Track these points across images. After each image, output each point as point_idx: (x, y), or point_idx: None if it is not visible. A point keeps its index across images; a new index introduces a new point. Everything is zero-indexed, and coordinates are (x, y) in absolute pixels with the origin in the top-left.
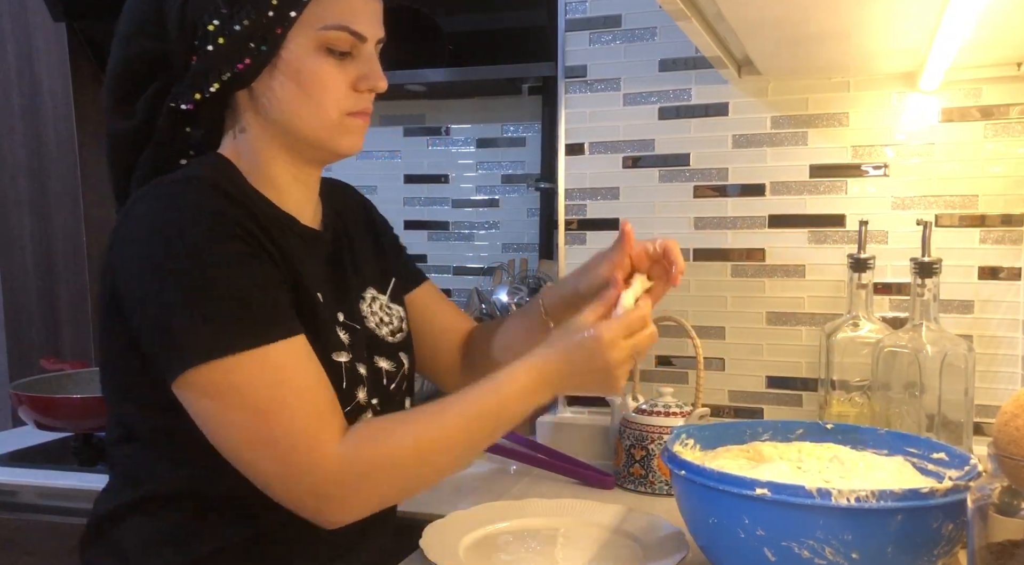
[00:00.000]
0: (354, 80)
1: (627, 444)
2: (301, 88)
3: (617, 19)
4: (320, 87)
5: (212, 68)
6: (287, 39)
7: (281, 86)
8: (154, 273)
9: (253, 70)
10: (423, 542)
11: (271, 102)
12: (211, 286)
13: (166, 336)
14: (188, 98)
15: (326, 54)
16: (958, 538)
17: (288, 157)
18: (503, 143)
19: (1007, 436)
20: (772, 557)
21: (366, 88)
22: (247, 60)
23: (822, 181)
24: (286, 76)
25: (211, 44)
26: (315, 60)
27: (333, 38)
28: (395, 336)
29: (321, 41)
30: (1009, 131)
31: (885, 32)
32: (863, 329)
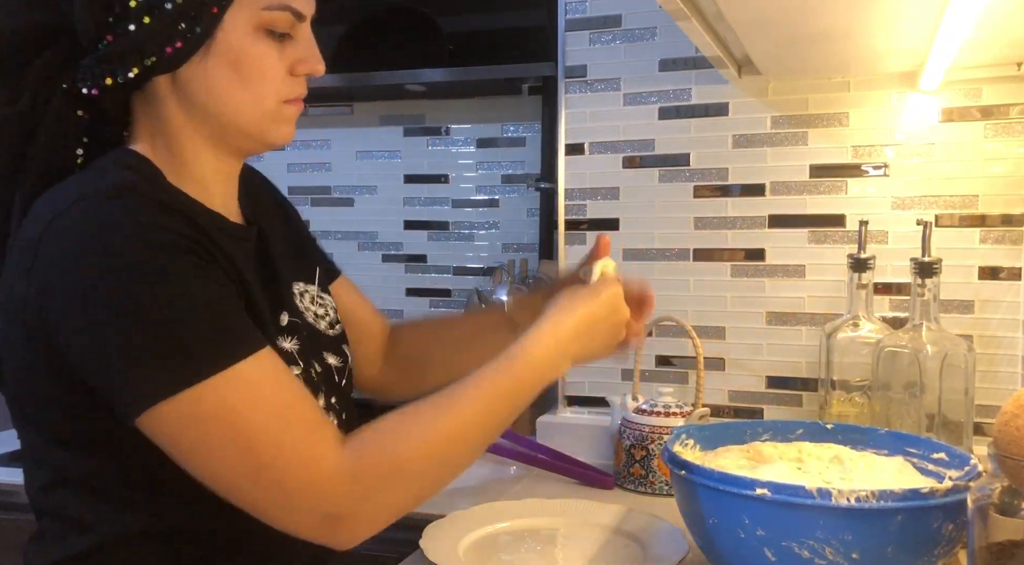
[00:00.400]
0: (292, 63)
1: (627, 444)
2: (238, 74)
3: (617, 19)
4: (259, 73)
5: (132, 50)
6: (223, 20)
7: (214, 72)
8: (95, 301)
9: (183, 54)
10: (423, 542)
11: (200, 89)
12: (163, 310)
13: (121, 373)
14: (95, 82)
15: (265, 36)
16: (958, 538)
17: (213, 150)
18: (503, 143)
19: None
20: (772, 557)
21: (304, 71)
22: (177, 43)
23: (822, 181)
24: (220, 61)
25: (133, 23)
26: (254, 43)
27: (274, 18)
28: (334, 328)
29: (261, 21)
30: (1009, 131)
31: (885, 32)
32: (863, 329)
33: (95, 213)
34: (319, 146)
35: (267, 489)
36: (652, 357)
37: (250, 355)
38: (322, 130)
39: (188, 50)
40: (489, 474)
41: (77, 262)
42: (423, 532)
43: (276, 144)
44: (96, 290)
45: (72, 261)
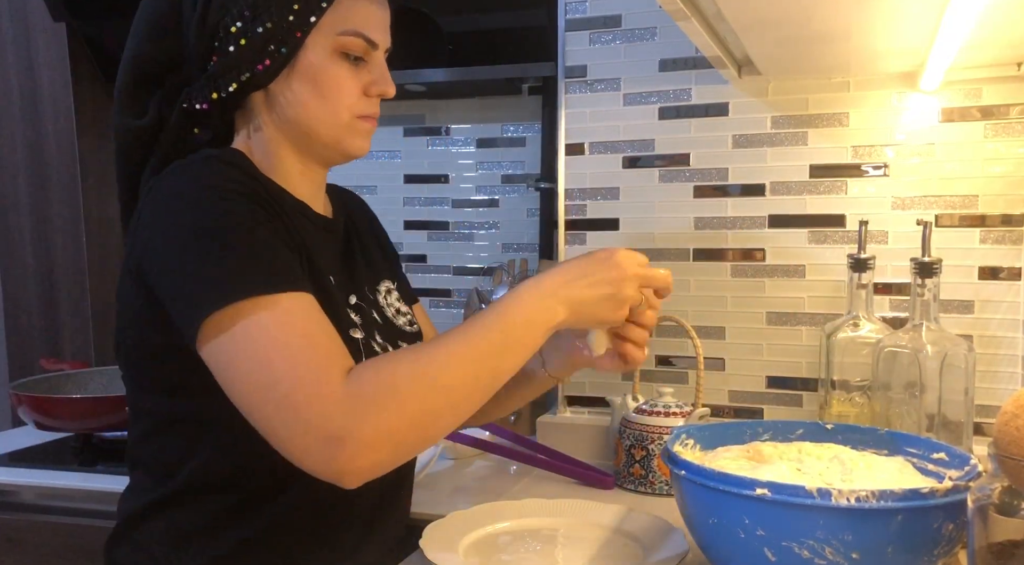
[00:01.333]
0: (366, 85)
1: (627, 444)
2: (317, 90)
3: (617, 19)
4: (335, 89)
5: (232, 68)
6: (306, 43)
7: (298, 87)
8: (173, 233)
9: (272, 71)
10: (423, 542)
11: (287, 102)
12: (224, 238)
13: (184, 291)
14: (205, 97)
15: (341, 58)
16: (958, 538)
17: (299, 156)
18: (503, 143)
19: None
20: (772, 557)
21: (376, 93)
22: (267, 61)
23: (822, 181)
24: (303, 78)
25: (232, 45)
26: (331, 63)
27: (349, 43)
28: (412, 326)
29: (337, 46)
30: (1009, 131)
31: (885, 32)
32: (863, 329)
33: (183, 171)
34: None
35: (277, 404)
36: (652, 357)
37: (292, 291)
38: None
39: (276, 68)
40: (489, 474)
41: (160, 208)
42: (423, 532)
43: (352, 154)
44: (168, 224)
45: (157, 208)
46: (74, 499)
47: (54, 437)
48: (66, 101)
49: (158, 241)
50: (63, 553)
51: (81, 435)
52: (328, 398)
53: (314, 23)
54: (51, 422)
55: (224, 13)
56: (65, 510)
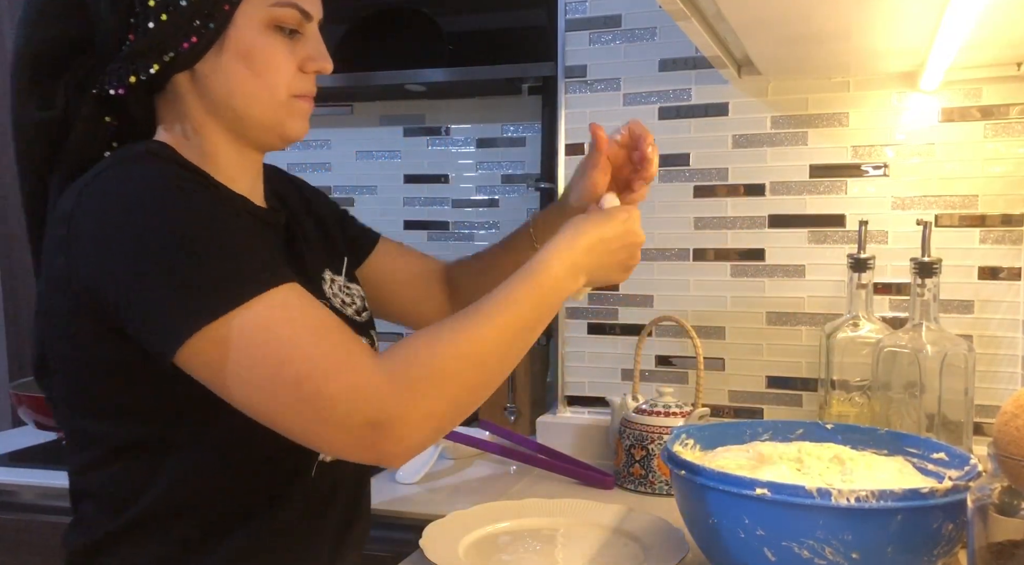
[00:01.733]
0: (301, 61)
1: (627, 444)
2: (251, 68)
3: (617, 19)
4: (272, 67)
5: (152, 47)
6: (235, 16)
7: (229, 66)
8: (130, 247)
9: (199, 49)
10: (423, 542)
11: (217, 84)
12: (193, 242)
13: (159, 309)
14: (121, 81)
15: (274, 32)
16: (958, 538)
17: (233, 143)
18: (503, 143)
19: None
20: (772, 557)
21: (313, 69)
22: (193, 38)
23: (822, 181)
24: (234, 55)
25: (152, 20)
26: (265, 38)
27: (282, 15)
28: (361, 315)
29: (270, 18)
30: (1009, 131)
31: (885, 32)
32: (863, 329)
33: (122, 174)
34: (319, 146)
35: (308, 401)
36: (652, 357)
37: (281, 284)
38: (322, 130)
39: (203, 45)
40: (489, 474)
41: (108, 217)
42: (423, 532)
43: (290, 137)
44: (122, 236)
45: (104, 217)
46: None
47: (54, 437)
48: None
49: (111, 257)
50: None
51: None
52: (365, 384)
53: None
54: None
55: None
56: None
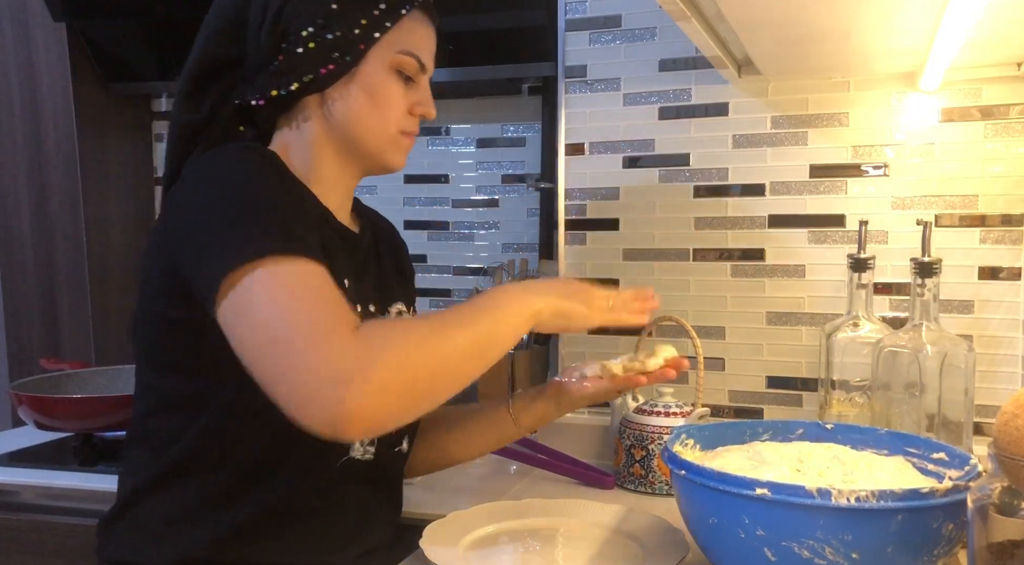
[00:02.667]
0: (412, 104)
1: (627, 444)
2: (371, 100)
3: (617, 19)
4: (387, 102)
5: (296, 68)
6: (368, 55)
7: (354, 95)
8: (202, 201)
9: (333, 76)
10: (423, 542)
11: (342, 108)
12: (249, 206)
13: (206, 251)
14: (263, 93)
15: (395, 75)
16: (958, 538)
17: (338, 160)
18: (503, 143)
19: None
20: (772, 557)
21: (420, 113)
22: (331, 66)
23: (822, 181)
24: (360, 87)
25: (301, 47)
26: (387, 78)
27: (404, 62)
28: None
29: (394, 63)
30: (1009, 131)
31: (885, 32)
32: (863, 329)
33: (222, 153)
34: None
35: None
36: None
37: (309, 258)
38: None
39: (337, 73)
40: (489, 474)
41: (196, 181)
42: (423, 532)
43: (390, 168)
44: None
45: (194, 181)
46: (74, 499)
47: (54, 437)
48: (66, 101)
49: (187, 210)
50: (63, 553)
51: (81, 435)
52: (336, 343)
53: (377, 39)
54: (51, 422)
55: (299, 17)
56: (65, 510)
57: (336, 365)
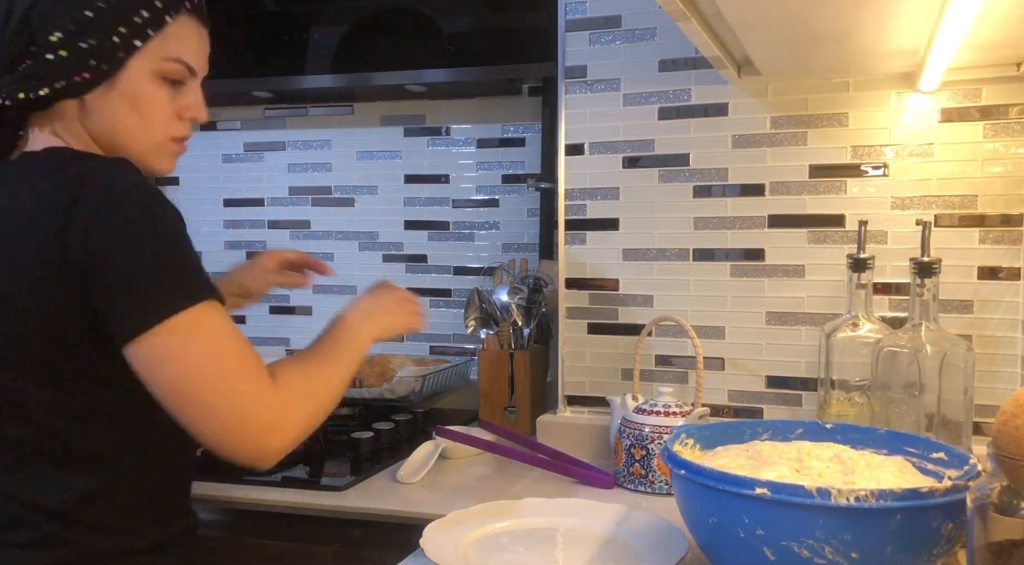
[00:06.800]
0: (180, 108)
1: (627, 444)
2: (135, 109)
3: (617, 19)
4: (152, 111)
5: (47, 74)
6: (128, 63)
7: (115, 105)
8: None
9: (89, 84)
10: (423, 542)
11: (102, 117)
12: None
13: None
14: (11, 96)
15: (160, 81)
16: (957, 537)
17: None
18: (503, 143)
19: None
20: (772, 556)
21: (189, 117)
22: (86, 74)
23: (822, 181)
24: (121, 96)
25: (51, 53)
26: (151, 86)
27: (170, 69)
28: None
29: (159, 70)
30: (1009, 131)
31: (885, 32)
32: (863, 329)
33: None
34: (320, 146)
35: (224, 395)
36: (652, 357)
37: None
38: (323, 130)
39: (93, 81)
40: (489, 474)
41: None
42: (423, 532)
43: (156, 172)
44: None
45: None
46: None
47: None
48: None
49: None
50: None
51: None
52: (265, 393)
53: (139, 47)
54: None
55: (46, 21)
56: None
57: (267, 414)
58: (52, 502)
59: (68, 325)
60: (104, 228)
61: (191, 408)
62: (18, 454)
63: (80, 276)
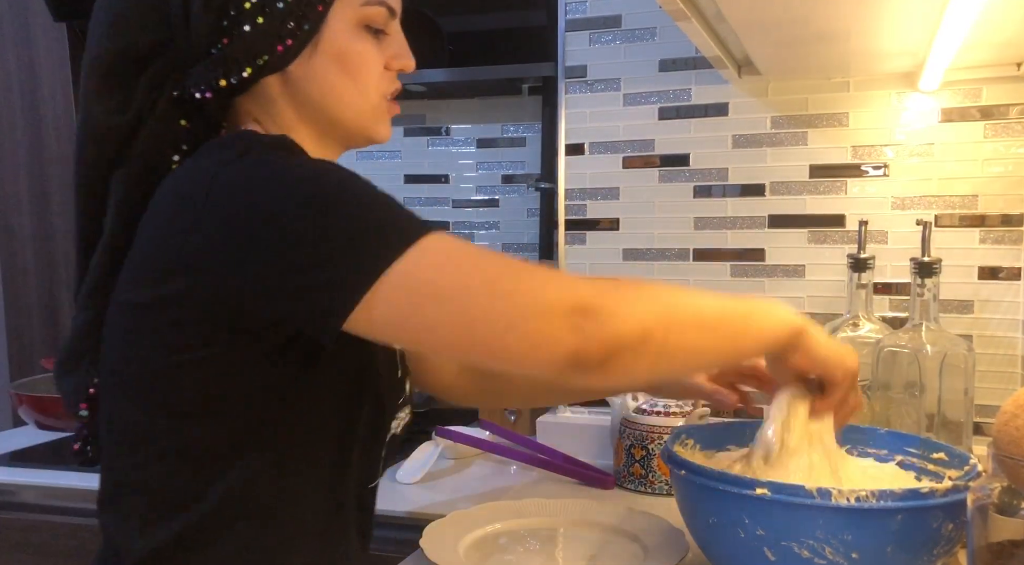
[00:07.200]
0: (387, 59)
1: (627, 444)
2: (344, 69)
3: (617, 19)
4: (364, 68)
5: (247, 50)
6: (328, 16)
7: (321, 68)
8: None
9: (292, 51)
10: (423, 542)
11: (310, 85)
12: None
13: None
14: (209, 85)
15: (364, 32)
16: (958, 538)
17: (318, 142)
18: (503, 143)
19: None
20: (772, 557)
21: (398, 66)
22: (288, 41)
23: (822, 181)
24: (327, 57)
25: (248, 23)
26: (357, 39)
27: (372, 13)
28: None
29: (361, 18)
30: (1009, 131)
31: (885, 32)
32: (863, 329)
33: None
34: None
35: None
36: None
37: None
38: None
39: (297, 47)
40: (489, 474)
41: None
42: (423, 532)
43: (377, 139)
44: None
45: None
46: (74, 499)
47: (54, 437)
48: (66, 101)
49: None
50: (63, 553)
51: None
52: (561, 278)
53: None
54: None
55: None
56: (65, 510)
57: (575, 295)
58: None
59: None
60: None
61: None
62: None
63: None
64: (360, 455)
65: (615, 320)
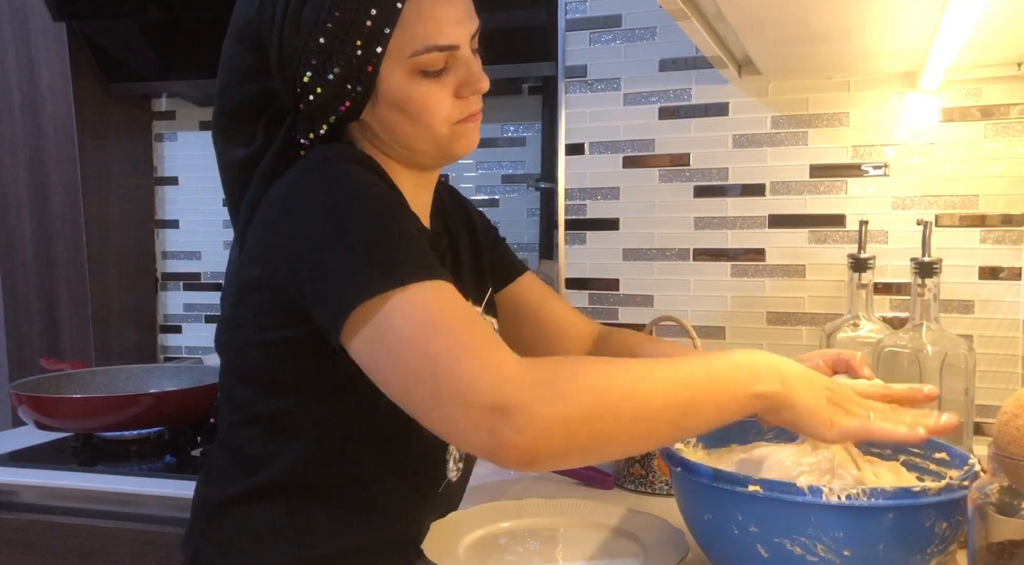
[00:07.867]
0: (456, 89)
1: None
2: (407, 115)
3: (617, 19)
4: (425, 110)
5: (318, 115)
6: (380, 73)
7: (385, 116)
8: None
9: (355, 109)
10: (423, 542)
11: (382, 130)
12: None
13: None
14: (305, 135)
15: (421, 77)
16: (953, 537)
17: (407, 170)
18: (503, 143)
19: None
20: (765, 553)
21: (469, 93)
22: (347, 102)
23: (822, 181)
24: (388, 106)
25: (311, 94)
26: (413, 86)
27: (425, 62)
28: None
29: (414, 67)
30: (1009, 131)
31: (885, 32)
32: (863, 329)
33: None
34: None
35: (439, 376)
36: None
37: (441, 279)
38: None
39: (358, 106)
40: (489, 474)
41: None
42: None
43: (459, 156)
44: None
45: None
46: (74, 499)
47: (54, 437)
48: (66, 101)
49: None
50: (63, 553)
51: (81, 435)
52: (499, 369)
53: (382, 53)
54: (51, 422)
55: (296, 63)
56: (65, 510)
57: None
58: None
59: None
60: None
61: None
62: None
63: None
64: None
65: (531, 427)
